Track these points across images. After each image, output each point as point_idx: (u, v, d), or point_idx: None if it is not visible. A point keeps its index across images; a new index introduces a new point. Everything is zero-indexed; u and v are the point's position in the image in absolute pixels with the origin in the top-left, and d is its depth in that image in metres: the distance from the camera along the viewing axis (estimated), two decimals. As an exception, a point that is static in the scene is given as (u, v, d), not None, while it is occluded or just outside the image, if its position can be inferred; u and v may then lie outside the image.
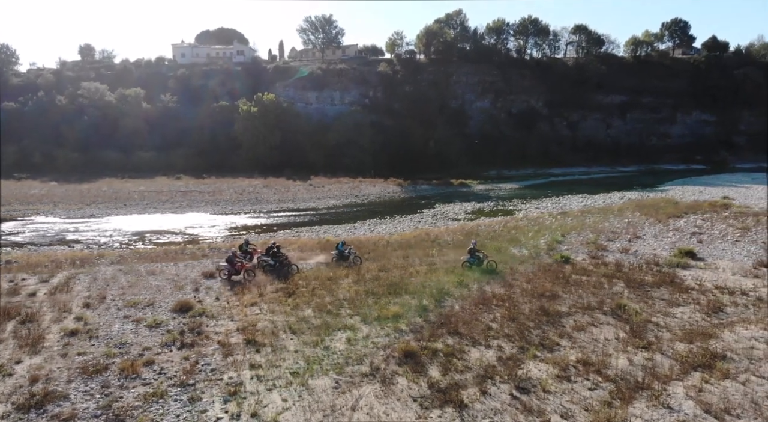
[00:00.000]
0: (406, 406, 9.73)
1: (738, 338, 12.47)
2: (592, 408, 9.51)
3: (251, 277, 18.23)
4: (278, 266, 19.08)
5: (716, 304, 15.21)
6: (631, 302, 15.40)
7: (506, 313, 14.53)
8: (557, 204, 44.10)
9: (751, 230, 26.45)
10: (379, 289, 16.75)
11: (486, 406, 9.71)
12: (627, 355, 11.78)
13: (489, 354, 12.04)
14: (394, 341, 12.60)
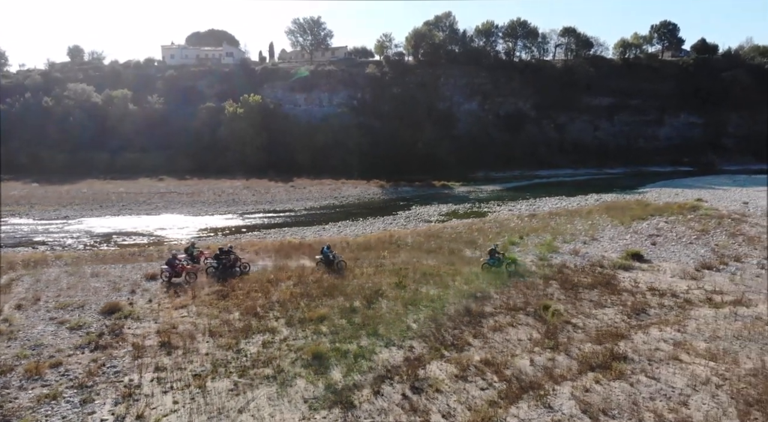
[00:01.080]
0: (295, 408, 9.83)
1: (648, 339, 12.56)
2: (475, 408, 9.60)
3: (192, 279, 18.31)
4: (222, 268, 19.11)
5: (641, 306, 15.32)
6: (557, 304, 15.51)
7: (431, 314, 14.63)
8: (531, 206, 44.23)
9: (709, 232, 26.56)
10: (316, 291, 16.82)
11: (374, 407, 9.81)
12: (532, 355, 11.87)
13: (399, 354, 12.14)
14: (309, 343, 12.67)
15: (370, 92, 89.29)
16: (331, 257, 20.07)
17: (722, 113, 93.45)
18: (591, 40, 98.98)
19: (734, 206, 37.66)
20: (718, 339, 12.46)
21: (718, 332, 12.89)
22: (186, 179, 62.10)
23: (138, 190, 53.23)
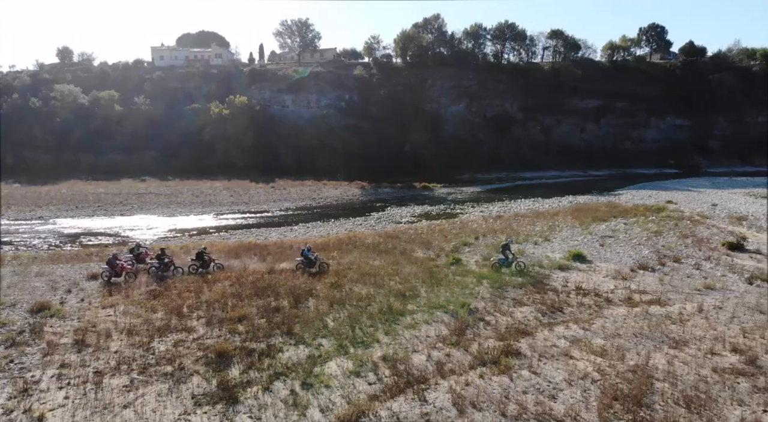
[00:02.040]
0: (180, 403, 10.09)
1: (549, 336, 12.84)
2: (355, 402, 9.86)
3: (131, 279, 18.59)
4: (163, 268, 19.40)
5: (560, 304, 15.60)
6: (479, 302, 15.81)
7: (353, 313, 14.90)
8: (504, 208, 44.52)
9: (662, 234, 26.87)
10: (249, 291, 17.09)
11: (257, 402, 10.08)
12: (432, 351, 12.16)
13: (305, 352, 12.41)
14: (220, 342, 12.94)
15: (357, 94, 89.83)
16: (312, 258, 20.07)
17: (709, 116, 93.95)
18: (579, 42, 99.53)
19: (701, 208, 38.02)
20: (617, 337, 12.75)
21: (621, 330, 13.18)
22: (168, 180, 62.32)
23: (117, 191, 53.48)
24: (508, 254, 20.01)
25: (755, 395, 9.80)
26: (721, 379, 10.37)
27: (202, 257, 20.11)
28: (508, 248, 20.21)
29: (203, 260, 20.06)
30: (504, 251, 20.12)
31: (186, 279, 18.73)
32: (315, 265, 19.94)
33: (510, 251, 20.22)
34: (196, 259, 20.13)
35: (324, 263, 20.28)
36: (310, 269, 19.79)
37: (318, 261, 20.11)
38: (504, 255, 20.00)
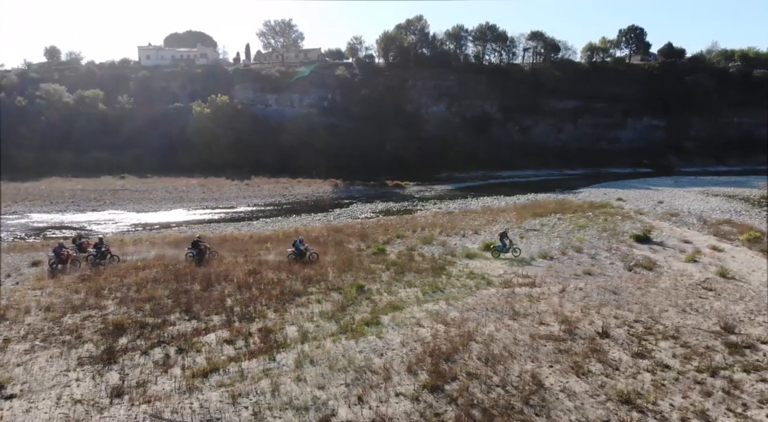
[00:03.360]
0: (65, 363, 11.77)
1: (414, 311, 14.60)
2: (214, 362, 11.53)
3: (75, 266, 20.26)
4: (100, 257, 21.07)
5: (444, 286, 17.29)
6: (375, 284, 17.51)
7: (255, 295, 16.58)
8: (462, 204, 46.18)
9: (586, 228, 28.54)
10: (170, 277, 18.73)
11: (132, 363, 11.76)
12: (306, 324, 13.86)
13: (193, 325, 14.08)
14: (121, 317, 14.60)
15: (340, 94, 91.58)
16: (302, 249, 21.32)
17: (685, 117, 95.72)
18: (559, 44, 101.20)
19: (645, 206, 39.73)
20: (471, 310, 14.49)
21: (479, 305, 14.92)
22: (147, 177, 63.92)
23: (94, 188, 55.12)
24: (505, 241, 22.05)
25: (552, 354, 11.53)
26: (532, 342, 12.11)
27: (198, 245, 21.75)
28: (505, 236, 22.27)
29: (199, 248, 21.64)
30: (502, 238, 22.19)
31: (119, 266, 20.41)
32: (306, 255, 21.18)
33: (507, 238, 22.22)
34: (192, 247, 21.73)
35: (314, 253, 21.48)
36: (300, 259, 20.91)
37: (308, 252, 21.38)
38: (502, 242, 22.05)
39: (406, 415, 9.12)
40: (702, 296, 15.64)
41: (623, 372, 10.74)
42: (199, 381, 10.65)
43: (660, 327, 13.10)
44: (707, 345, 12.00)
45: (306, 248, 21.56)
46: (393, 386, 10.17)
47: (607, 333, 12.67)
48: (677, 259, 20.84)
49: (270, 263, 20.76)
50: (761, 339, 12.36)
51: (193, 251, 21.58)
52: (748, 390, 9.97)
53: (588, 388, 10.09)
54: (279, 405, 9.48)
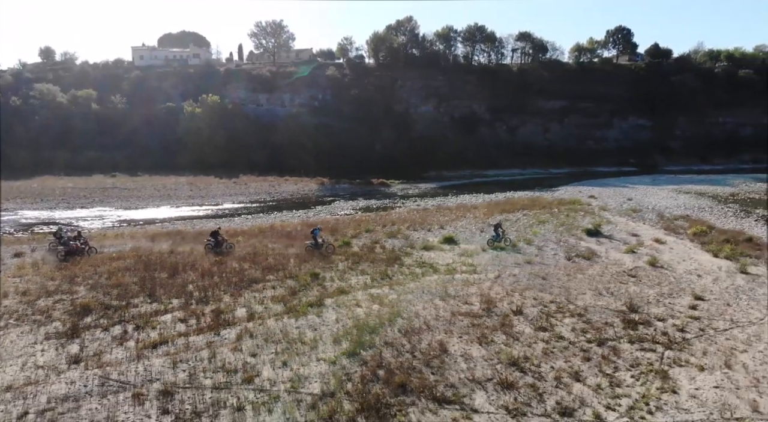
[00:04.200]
0: (34, 337, 13.20)
1: (358, 294, 15.98)
2: (165, 336, 12.96)
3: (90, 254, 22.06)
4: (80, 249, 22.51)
5: (393, 273, 18.73)
6: (331, 272, 18.93)
7: (216, 281, 18.00)
8: (440, 201, 47.56)
9: (546, 223, 30.00)
10: (140, 266, 20.14)
11: (93, 337, 13.19)
12: (256, 306, 15.27)
13: (154, 307, 15.50)
14: (89, 300, 16.02)
15: (330, 93, 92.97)
16: (320, 241, 22.69)
17: (671, 116, 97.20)
18: (547, 44, 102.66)
19: (615, 203, 41.23)
20: (409, 293, 15.95)
21: (417, 289, 16.37)
22: (137, 176, 65.21)
23: (85, 186, 56.43)
24: (499, 231, 23.93)
25: (465, 328, 13.01)
26: (451, 318, 13.59)
27: (216, 236, 23.28)
28: (499, 227, 24.22)
29: (217, 239, 23.14)
30: (496, 229, 24.10)
31: (95, 257, 21.83)
32: (322, 247, 22.43)
33: (501, 229, 24.16)
34: (211, 237, 23.33)
35: (330, 245, 22.77)
36: (318, 249, 22.21)
37: (325, 244, 22.71)
38: (496, 233, 23.89)
39: (321, 375, 10.58)
40: (622, 282, 17.12)
41: (522, 341, 12.21)
42: (149, 351, 12.09)
43: (571, 307, 14.57)
44: (607, 322, 13.48)
45: (323, 240, 22.85)
46: (317, 353, 11.63)
47: (521, 311, 14.14)
48: (618, 250, 22.32)
49: (237, 254, 22.18)
50: (658, 317, 13.84)
51: (212, 241, 23.06)
52: (625, 356, 11.44)
53: (485, 354, 11.56)
54: (212, 368, 10.93)
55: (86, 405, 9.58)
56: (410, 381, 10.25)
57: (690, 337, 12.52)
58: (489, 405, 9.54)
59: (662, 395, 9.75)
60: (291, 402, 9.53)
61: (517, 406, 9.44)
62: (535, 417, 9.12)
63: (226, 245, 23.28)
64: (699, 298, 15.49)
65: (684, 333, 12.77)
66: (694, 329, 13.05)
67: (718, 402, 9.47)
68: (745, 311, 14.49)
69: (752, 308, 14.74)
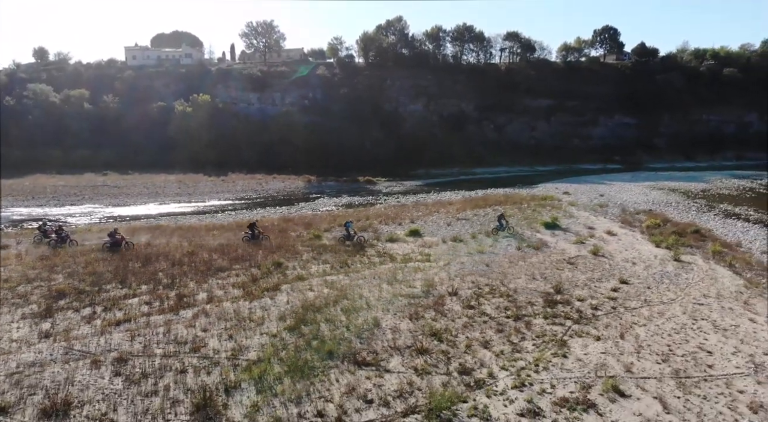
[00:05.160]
0: (11, 317, 14.54)
1: (315, 281, 17.36)
2: (130, 314, 14.33)
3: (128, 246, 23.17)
4: (60, 241, 23.82)
5: (352, 262, 20.10)
6: (294, 262, 20.30)
7: (183, 271, 19.34)
8: (421, 198, 49.07)
9: (512, 217, 31.33)
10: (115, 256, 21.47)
11: (64, 317, 14.53)
12: (217, 290, 16.63)
13: (123, 292, 16.85)
14: (64, 285, 17.35)
15: (320, 92, 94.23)
16: (351, 233, 24.10)
17: (655, 115, 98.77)
18: (534, 44, 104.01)
19: (586, 198, 42.73)
20: (362, 279, 17.33)
21: (368, 276, 17.75)
22: (128, 174, 66.38)
23: (76, 184, 57.61)
24: (503, 222, 26.14)
25: (402, 306, 14.43)
26: (391, 299, 15.00)
27: (253, 228, 24.76)
28: (503, 218, 26.49)
29: (253, 231, 24.56)
30: (500, 220, 26.35)
31: (76, 249, 23.15)
32: (354, 239, 23.81)
33: (505, 220, 26.43)
34: (249, 228, 24.88)
35: (361, 236, 24.26)
36: (349, 241, 23.64)
37: (356, 236, 24.05)
38: (500, 223, 26.13)
39: (260, 345, 11.97)
40: (559, 269, 18.56)
41: (448, 317, 13.63)
42: (112, 327, 13.46)
43: (503, 289, 16.00)
44: (530, 301, 14.91)
45: (355, 232, 24.22)
46: (262, 329, 13.03)
47: (456, 292, 15.56)
48: (568, 241, 23.76)
49: (210, 246, 23.53)
50: (579, 298, 15.28)
51: (249, 233, 24.56)
52: (535, 329, 12.87)
53: (412, 327, 12.98)
54: (165, 341, 12.32)
55: (50, 369, 10.95)
56: (338, 349, 11.64)
57: (600, 314, 13.96)
58: (401, 366, 10.95)
59: (553, 359, 11.17)
60: (228, 366, 10.92)
61: (425, 367, 10.84)
62: (438, 375, 10.53)
63: (262, 237, 24.68)
64: (624, 282, 16.94)
65: (596, 311, 14.20)
66: (607, 307, 14.49)
67: (599, 364, 10.89)
68: (661, 293, 15.94)
69: (669, 290, 16.19)
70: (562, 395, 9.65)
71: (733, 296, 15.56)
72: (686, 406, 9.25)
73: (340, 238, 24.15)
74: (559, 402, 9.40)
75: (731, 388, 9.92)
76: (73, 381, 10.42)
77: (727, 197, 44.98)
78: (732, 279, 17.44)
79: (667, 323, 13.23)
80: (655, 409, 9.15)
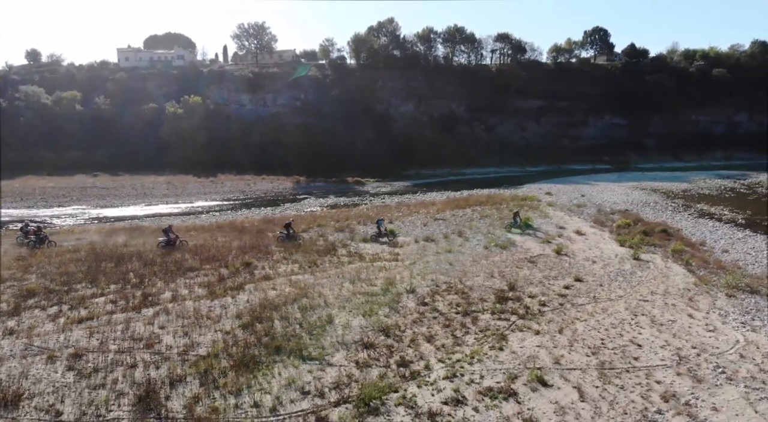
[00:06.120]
0: (-22, 315, 14.98)
1: (279, 280, 17.84)
2: (95, 313, 14.79)
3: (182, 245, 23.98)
4: (39, 241, 24.26)
5: (321, 262, 20.59)
6: (265, 262, 20.78)
7: (154, 270, 19.79)
8: (406, 199, 49.61)
9: (487, 218, 31.90)
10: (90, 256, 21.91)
11: (31, 315, 14.97)
12: (183, 290, 17.10)
13: (92, 292, 17.30)
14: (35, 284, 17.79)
15: (312, 94, 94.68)
16: (382, 230, 25.19)
17: (645, 115, 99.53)
18: (525, 45, 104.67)
19: (567, 198, 43.32)
20: (327, 278, 17.82)
21: (334, 275, 18.25)
22: (118, 175, 66.74)
23: (65, 185, 57.97)
24: (517, 219, 27.52)
25: (359, 304, 14.91)
26: (350, 296, 15.51)
27: (288, 228, 25.34)
28: (517, 215, 27.96)
29: (288, 231, 25.19)
30: (514, 217, 27.85)
31: (53, 250, 23.59)
32: (384, 236, 25.08)
33: (519, 217, 27.81)
34: (285, 228, 25.49)
35: (392, 232, 25.56)
36: (381, 238, 24.89)
37: (386, 233, 25.32)
38: (514, 220, 27.59)
39: (212, 342, 12.45)
40: (519, 267, 19.10)
41: (401, 314, 14.15)
42: (74, 325, 13.92)
43: (460, 287, 16.53)
44: (483, 298, 15.44)
45: (385, 229, 25.53)
46: (217, 326, 13.51)
47: (414, 290, 16.07)
48: (536, 240, 24.31)
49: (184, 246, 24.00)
50: (530, 295, 15.81)
51: (285, 232, 25.13)
52: (480, 324, 13.40)
53: (365, 324, 13.49)
54: (122, 337, 12.80)
55: (7, 363, 11.43)
56: (287, 345, 12.15)
57: (546, 310, 14.49)
58: (345, 360, 11.46)
59: (489, 351, 11.70)
60: (177, 361, 11.41)
61: (366, 361, 11.36)
62: (377, 368, 11.04)
63: (297, 236, 25.26)
64: (579, 280, 17.49)
65: (543, 307, 14.74)
66: (555, 304, 15.03)
67: (531, 357, 11.42)
68: (612, 290, 16.49)
69: (620, 288, 16.74)
70: (488, 385, 10.18)
71: (680, 293, 16.12)
72: (602, 395, 9.79)
73: (372, 235, 25.40)
74: (483, 391, 9.93)
75: (650, 379, 10.45)
76: (27, 375, 10.89)
77: (706, 197, 45.64)
78: (684, 277, 18.00)
79: (608, 318, 13.78)
80: (572, 398, 9.68)
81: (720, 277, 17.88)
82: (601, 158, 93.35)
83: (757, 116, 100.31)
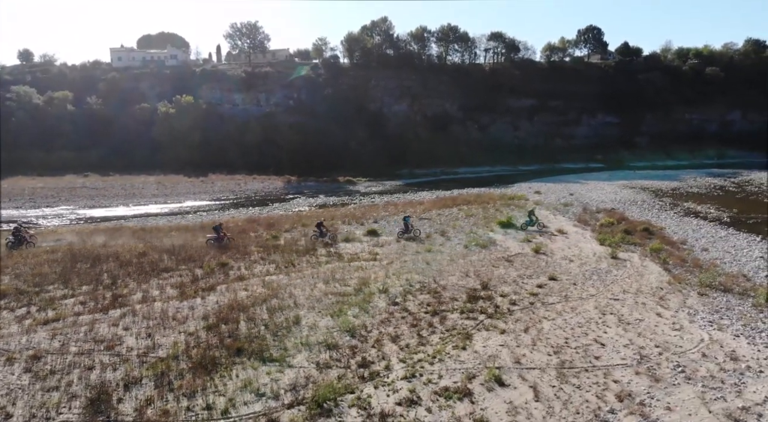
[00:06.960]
0: (-56, 317, 14.85)
1: (251, 281, 17.75)
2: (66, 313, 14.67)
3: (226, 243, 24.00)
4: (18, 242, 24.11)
5: (297, 263, 20.49)
6: (241, 263, 20.68)
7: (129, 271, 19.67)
8: (396, 198, 49.51)
9: (472, 217, 31.87)
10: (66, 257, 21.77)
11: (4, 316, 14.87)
12: (154, 290, 16.99)
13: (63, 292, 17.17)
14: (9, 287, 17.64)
15: (305, 93, 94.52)
16: (409, 227, 25.36)
17: (638, 114, 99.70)
18: (518, 44, 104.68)
19: (555, 197, 43.33)
20: (300, 278, 17.72)
21: (311, 275, 18.16)
22: (109, 175, 66.47)
23: (54, 185, 57.67)
24: (532, 217, 27.34)
25: (329, 304, 14.83)
26: (321, 297, 15.43)
27: (320, 227, 25.28)
28: (532, 214, 27.74)
29: (321, 230, 25.09)
30: (530, 216, 27.58)
31: (31, 250, 23.44)
32: (411, 232, 25.07)
33: (534, 216, 27.57)
34: (317, 227, 25.38)
35: (418, 229, 25.83)
36: (407, 234, 24.88)
37: (412, 229, 25.46)
38: (529, 218, 27.39)
39: (174, 343, 12.35)
40: (495, 266, 19.04)
41: (370, 314, 14.07)
42: (39, 327, 13.80)
43: (433, 286, 16.46)
44: (454, 297, 15.38)
45: (412, 226, 25.68)
46: (182, 327, 13.41)
47: (387, 290, 16.00)
48: (516, 240, 24.26)
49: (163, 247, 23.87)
50: (502, 294, 15.76)
51: (318, 231, 25.13)
52: (447, 323, 13.34)
53: (332, 324, 13.41)
54: (84, 339, 12.69)
55: (-36, 366, 11.31)
56: (249, 346, 12.06)
57: (516, 309, 14.44)
58: (306, 362, 11.39)
59: (452, 351, 11.64)
60: (136, 363, 11.31)
61: (327, 362, 11.28)
62: (337, 369, 10.97)
63: (330, 235, 25.07)
64: (553, 278, 17.44)
65: (513, 306, 14.69)
66: (526, 303, 14.99)
67: (492, 356, 11.37)
68: (584, 289, 16.45)
69: (593, 287, 16.70)
70: (445, 384, 10.12)
71: (652, 291, 16.09)
72: (557, 395, 9.74)
73: (399, 232, 25.58)
74: (439, 391, 9.87)
75: (608, 378, 10.41)
76: (-17, 377, 10.79)
77: (695, 196, 45.70)
78: (659, 276, 17.97)
79: (576, 317, 13.74)
80: (526, 397, 9.63)
81: (695, 275, 17.86)
82: (593, 157, 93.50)
83: (750, 114, 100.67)
